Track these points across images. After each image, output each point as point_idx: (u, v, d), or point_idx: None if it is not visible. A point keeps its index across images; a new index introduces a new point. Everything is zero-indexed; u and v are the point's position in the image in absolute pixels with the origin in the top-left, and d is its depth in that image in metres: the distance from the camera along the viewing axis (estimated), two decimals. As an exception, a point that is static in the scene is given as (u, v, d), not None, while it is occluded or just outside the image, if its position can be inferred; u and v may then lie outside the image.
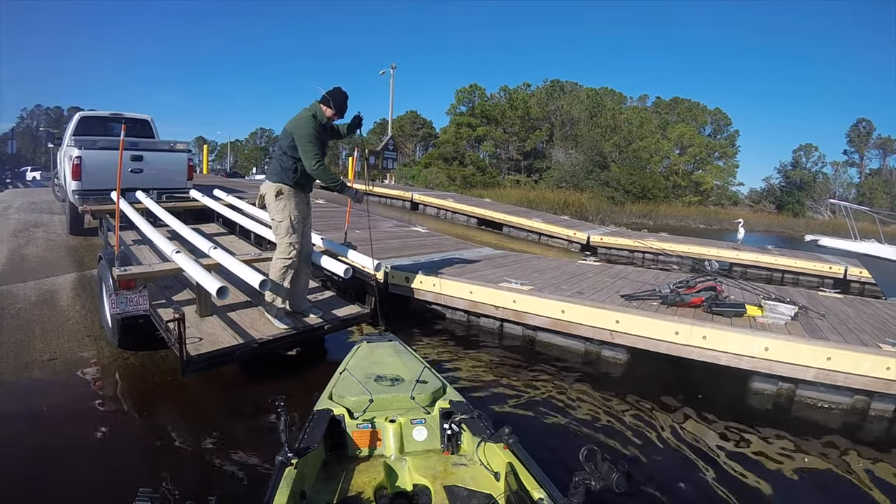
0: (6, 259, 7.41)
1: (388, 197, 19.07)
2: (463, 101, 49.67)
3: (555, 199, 30.25)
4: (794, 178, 55.09)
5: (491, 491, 2.29)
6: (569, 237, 14.48)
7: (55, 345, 4.86)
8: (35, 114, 75.36)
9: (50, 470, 3.14)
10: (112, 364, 4.58)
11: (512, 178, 46.51)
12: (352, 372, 2.99)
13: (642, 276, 7.44)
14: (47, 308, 5.72)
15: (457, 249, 8.81)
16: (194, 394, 4.23)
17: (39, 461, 3.24)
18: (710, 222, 37.82)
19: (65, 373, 4.38)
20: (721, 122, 53.63)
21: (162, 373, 4.43)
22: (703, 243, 13.78)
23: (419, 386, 2.83)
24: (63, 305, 5.83)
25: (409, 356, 3.35)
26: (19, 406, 3.88)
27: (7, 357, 4.56)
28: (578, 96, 49.97)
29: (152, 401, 4.10)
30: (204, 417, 3.94)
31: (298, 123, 4.27)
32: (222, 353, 3.98)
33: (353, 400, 2.72)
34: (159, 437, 3.62)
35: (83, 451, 3.37)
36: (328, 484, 2.36)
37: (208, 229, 7.59)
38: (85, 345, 4.91)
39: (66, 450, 3.37)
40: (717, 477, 3.39)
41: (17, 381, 4.21)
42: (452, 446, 2.61)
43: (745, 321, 4.93)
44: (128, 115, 9.13)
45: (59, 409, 3.86)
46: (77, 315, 5.57)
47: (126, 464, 3.27)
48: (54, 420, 3.71)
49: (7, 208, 11.52)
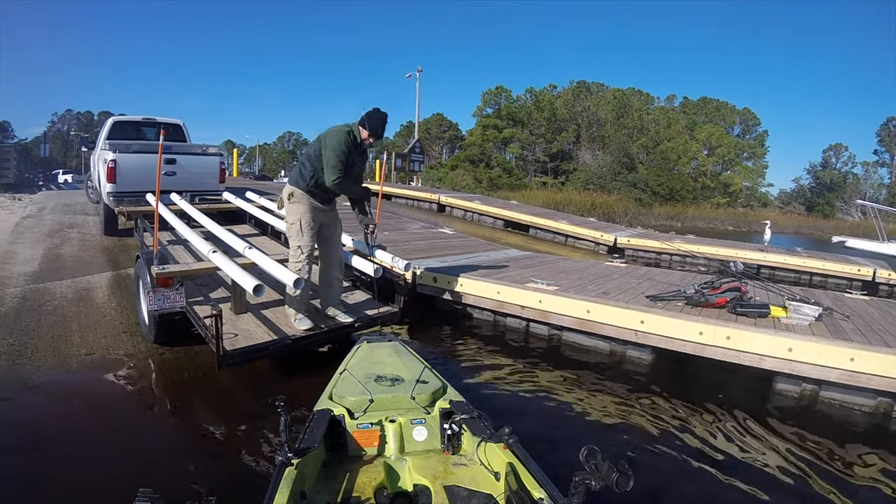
0: (42, 258, 7.64)
1: (415, 199, 19.14)
2: (489, 103, 49.78)
3: (582, 201, 30.06)
4: (823, 179, 54.05)
5: (491, 491, 2.29)
6: (596, 239, 14.42)
7: (92, 340, 5.04)
8: (66, 118, 77.26)
9: (69, 462, 3.26)
10: (147, 359, 4.74)
11: (538, 180, 46.43)
12: (352, 372, 3.00)
13: (668, 277, 7.45)
14: (84, 305, 5.91)
15: (483, 251, 8.90)
16: (226, 388, 4.35)
17: (65, 443, 3.41)
18: (739, 224, 37.37)
19: (101, 367, 4.54)
20: (750, 122, 53.01)
21: (195, 367, 4.58)
22: (731, 245, 13.62)
23: (419, 386, 2.83)
24: (99, 303, 6.02)
25: (409, 356, 3.35)
26: (53, 398, 4.03)
27: (45, 351, 4.74)
28: (605, 97, 49.72)
29: (183, 396, 4.21)
30: (224, 414, 4.01)
31: (331, 133, 4.27)
32: (257, 349, 4.10)
33: (354, 400, 2.72)
34: (184, 433, 3.74)
35: (108, 444, 3.48)
36: (328, 484, 2.35)
37: (241, 230, 7.77)
38: (121, 340, 5.08)
39: (94, 442, 3.50)
40: (733, 477, 3.40)
41: (54, 375, 4.37)
42: (453, 446, 2.60)
43: (769, 322, 4.92)
44: (160, 119, 9.38)
45: (92, 401, 4.01)
46: (113, 312, 5.75)
47: (148, 458, 3.35)
48: (85, 412, 3.86)
49: (41, 209, 11.84)
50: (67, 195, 15.78)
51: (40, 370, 4.40)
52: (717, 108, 52.77)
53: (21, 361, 4.52)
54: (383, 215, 11.80)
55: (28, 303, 5.84)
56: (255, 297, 4.20)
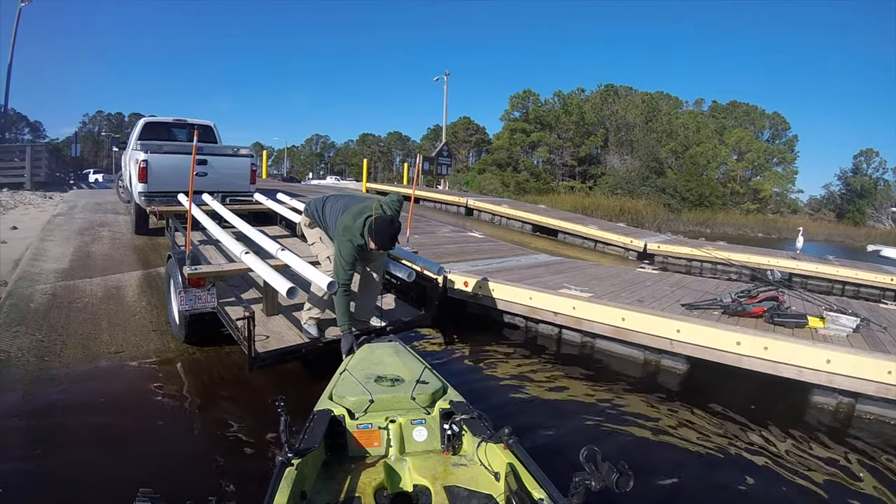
0: (73, 256, 7.66)
1: (443, 202, 19.16)
2: (517, 107, 49.70)
3: (610, 206, 29.71)
4: (854, 185, 52.86)
5: (491, 491, 2.29)
6: (625, 245, 14.20)
7: (122, 338, 5.06)
8: (97, 119, 78.88)
9: (91, 458, 3.31)
10: (177, 358, 4.77)
11: (566, 185, 46.14)
12: (352, 372, 3.01)
13: (702, 285, 7.34)
14: (114, 303, 5.91)
15: (514, 255, 8.87)
16: (258, 389, 4.32)
17: (94, 441, 3.46)
18: (769, 231, 36.39)
19: (130, 365, 4.57)
20: (779, 127, 52.09)
21: (225, 368, 4.61)
22: (762, 252, 13.39)
23: (419, 386, 2.83)
24: (129, 301, 6.02)
25: (409, 356, 3.34)
26: (83, 393, 4.07)
27: (75, 348, 4.77)
28: (633, 101, 49.23)
29: (210, 397, 4.23)
30: (220, 414, 4.01)
31: (344, 237, 3.94)
32: (289, 351, 4.10)
33: (354, 400, 2.72)
34: (198, 432, 3.77)
35: (132, 443, 3.52)
36: (328, 484, 2.36)
37: (272, 231, 7.76)
38: (151, 339, 5.10)
39: (117, 440, 3.53)
40: (767, 490, 3.39)
41: (83, 371, 4.40)
42: (453, 447, 2.61)
43: (807, 332, 4.85)
44: (191, 120, 9.44)
45: (122, 396, 4.07)
46: (143, 310, 5.75)
47: (157, 459, 3.37)
48: (111, 410, 3.90)
49: (73, 208, 11.91)
50: (98, 194, 15.90)
51: (69, 367, 4.43)
52: (747, 113, 51.90)
53: (50, 358, 4.54)
54: (414, 219, 11.82)
55: (58, 300, 5.85)
56: (286, 299, 4.15)
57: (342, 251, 3.92)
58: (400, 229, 4.02)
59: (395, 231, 3.93)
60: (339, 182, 41.78)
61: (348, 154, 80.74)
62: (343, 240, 3.92)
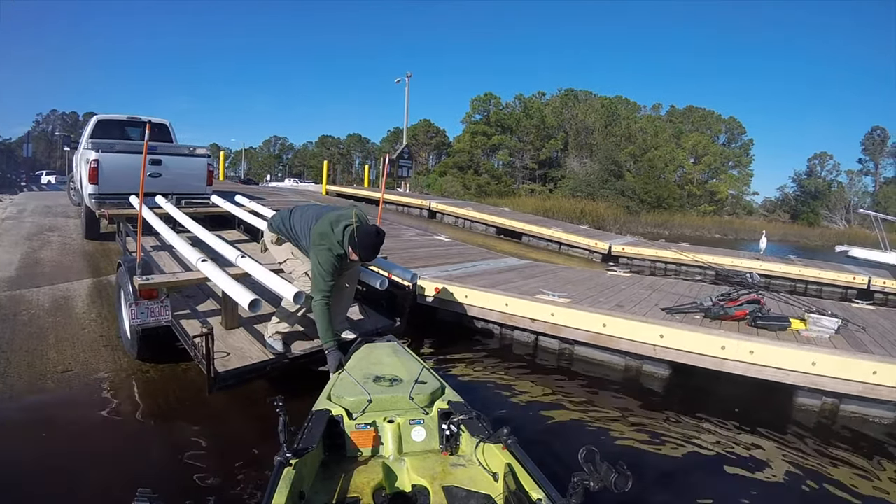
0: (20, 263, 7.15)
1: (406, 205, 18.94)
2: (478, 110, 49.82)
3: (571, 208, 30.13)
4: (808, 187, 54.79)
5: (489, 491, 2.29)
6: (590, 247, 14.26)
7: (70, 355, 4.64)
8: (50, 118, 75.96)
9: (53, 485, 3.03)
10: (130, 377, 4.38)
11: (527, 187, 46.48)
12: (350, 372, 3.01)
13: (675, 287, 7.29)
14: (62, 315, 5.49)
15: (483, 259, 8.71)
16: (215, 404, 4.00)
17: (44, 476, 3.11)
18: (726, 232, 37.40)
19: (80, 386, 4.17)
20: (735, 131, 53.54)
21: (182, 388, 4.24)
22: (727, 253, 13.61)
23: (418, 386, 2.83)
24: (78, 313, 5.60)
25: (407, 357, 3.34)
26: (30, 421, 3.68)
27: (20, 367, 4.35)
28: (593, 105, 49.98)
29: (170, 414, 3.92)
30: (208, 417, 3.84)
31: (322, 248, 3.62)
32: (252, 369, 3.76)
33: (352, 400, 2.72)
34: (168, 435, 3.63)
35: (94, 469, 3.23)
36: (326, 484, 2.36)
37: (230, 236, 7.36)
38: (101, 356, 4.68)
39: (76, 466, 3.24)
40: (753, 490, 3.37)
41: (29, 395, 3.99)
42: (451, 447, 2.61)
43: (790, 335, 4.82)
44: (145, 118, 8.95)
45: (72, 425, 3.70)
46: (93, 323, 5.34)
47: (124, 460, 3.27)
48: (66, 437, 3.56)
49: (22, 211, 11.29)
50: (50, 196, 15.19)
51: (13, 389, 4.01)
52: (704, 117, 53.14)
53: None
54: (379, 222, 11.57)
55: (2, 311, 5.42)
56: (247, 311, 3.79)
57: (321, 261, 3.57)
58: (383, 241, 3.72)
59: (379, 242, 3.66)
60: (298, 184, 40.92)
61: (307, 156, 79.41)
62: (321, 249, 3.59)
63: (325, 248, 3.58)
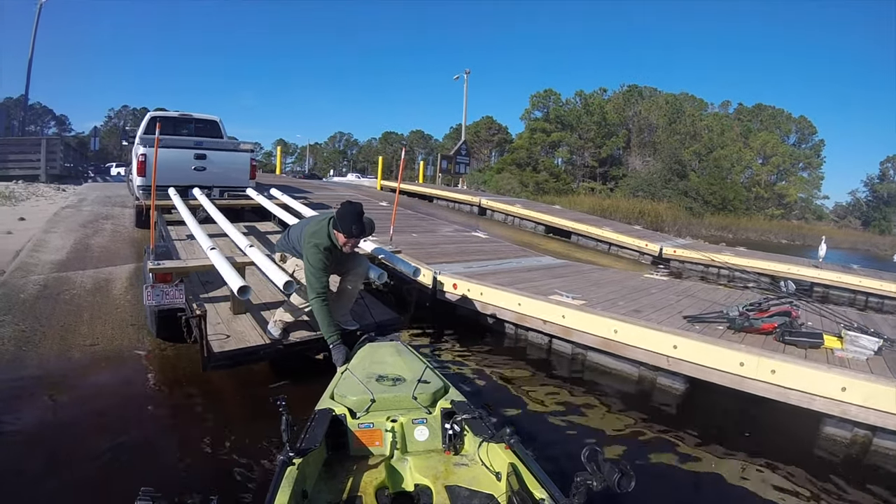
0: (71, 248, 7.65)
1: (457, 201, 18.88)
2: (538, 106, 49.29)
3: (629, 209, 29.25)
4: (881, 193, 51.39)
5: (492, 491, 2.29)
6: (640, 248, 13.77)
7: (99, 331, 5.03)
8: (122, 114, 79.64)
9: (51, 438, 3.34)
10: (149, 353, 4.72)
11: (586, 186, 45.58)
12: (353, 371, 3.01)
13: (712, 294, 6.90)
14: (100, 296, 5.90)
15: (516, 257, 8.57)
16: (219, 389, 4.25)
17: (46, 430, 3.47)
18: (793, 237, 35.00)
19: (100, 358, 4.53)
20: (806, 131, 50.80)
21: (194, 364, 4.39)
22: (783, 260, 12.72)
23: (421, 386, 2.83)
24: (115, 294, 5.98)
25: (410, 356, 3.34)
26: (48, 383, 4.07)
27: (53, 339, 4.76)
28: (657, 101, 48.29)
29: (177, 394, 4.16)
30: (216, 415, 3.95)
31: (309, 246, 3.76)
32: (246, 352, 3.96)
33: (355, 399, 2.72)
34: (181, 432, 3.69)
35: (91, 441, 3.40)
36: (330, 484, 2.36)
37: (263, 227, 7.65)
38: (127, 333, 5.06)
39: (75, 422, 3.56)
40: None
41: (55, 362, 4.38)
42: (454, 446, 2.61)
43: (822, 353, 4.32)
44: (196, 115, 9.42)
45: (82, 389, 4.05)
46: (127, 304, 5.70)
47: (126, 458, 3.27)
48: (74, 398, 3.91)
49: (82, 200, 11.96)
50: (111, 187, 15.94)
51: (42, 358, 4.41)
52: (773, 116, 50.65)
53: (27, 348, 4.54)
54: (418, 217, 11.67)
55: (47, 290, 5.83)
56: (258, 298, 4.28)
57: (310, 260, 3.73)
58: (363, 212, 3.82)
59: (356, 211, 3.75)
60: (359, 179, 41.68)
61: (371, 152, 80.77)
62: (308, 247, 3.76)
63: (313, 244, 3.72)
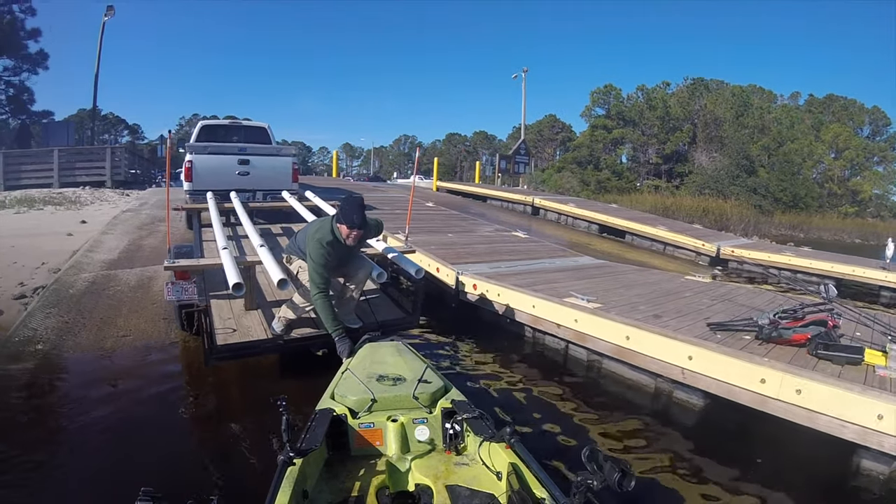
0: (124, 248, 8.19)
1: (510, 201, 18.73)
2: (598, 103, 48.08)
3: (693, 207, 28.01)
4: (961, 187, 46.63)
5: (493, 491, 2.28)
6: (696, 248, 13.13)
7: (133, 324, 5.48)
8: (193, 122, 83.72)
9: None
10: (172, 345, 5.16)
11: (651, 183, 44.14)
12: (354, 371, 3.00)
13: (754, 298, 6.41)
14: (141, 292, 6.31)
15: (549, 257, 8.36)
16: (223, 385, 4.53)
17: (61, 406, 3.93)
18: (867, 237, 32.08)
19: (128, 347, 5.00)
20: (880, 122, 47.06)
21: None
22: (847, 261, 11.74)
23: (421, 385, 2.81)
24: (155, 291, 6.30)
25: (411, 356, 3.32)
26: (75, 366, 4.63)
27: (91, 329, 5.28)
28: (723, 95, 46.06)
29: (193, 389, 4.44)
30: (217, 414, 4.13)
31: (312, 243, 3.84)
32: (247, 346, 4.12)
33: (356, 399, 2.71)
34: (186, 429, 3.89)
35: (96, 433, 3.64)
36: (330, 483, 2.37)
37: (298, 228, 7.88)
38: (158, 326, 5.49)
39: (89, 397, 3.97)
40: None
41: (88, 349, 4.91)
42: (455, 446, 2.59)
43: (861, 371, 3.80)
44: (246, 122, 9.86)
45: (107, 370, 4.56)
46: (163, 300, 5.93)
47: (148, 454, 3.41)
48: (97, 378, 4.41)
49: (143, 204, 12.64)
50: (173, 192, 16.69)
51: (78, 345, 4.95)
52: (845, 107, 47.31)
53: (66, 337, 5.07)
54: (460, 217, 11.67)
55: (94, 286, 6.30)
56: (272, 296, 4.56)
57: (313, 255, 3.80)
58: (364, 204, 3.95)
59: (358, 203, 3.86)
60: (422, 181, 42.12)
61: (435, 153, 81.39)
62: (312, 242, 3.84)
63: (315, 240, 3.81)
